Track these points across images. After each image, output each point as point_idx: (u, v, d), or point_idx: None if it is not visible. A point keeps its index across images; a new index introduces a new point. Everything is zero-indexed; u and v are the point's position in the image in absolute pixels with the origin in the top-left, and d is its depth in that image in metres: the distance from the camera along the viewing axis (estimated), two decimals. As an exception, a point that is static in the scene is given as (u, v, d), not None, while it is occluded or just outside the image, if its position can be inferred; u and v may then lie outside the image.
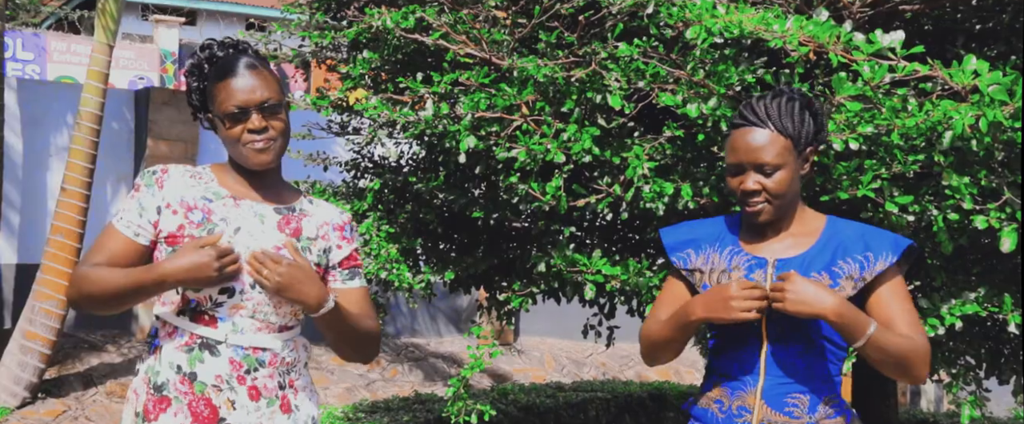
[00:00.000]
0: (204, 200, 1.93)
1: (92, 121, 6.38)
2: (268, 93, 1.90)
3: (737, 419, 1.93)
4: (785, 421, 1.89)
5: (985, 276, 2.89)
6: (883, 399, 4.13)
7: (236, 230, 1.91)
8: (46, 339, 6.23)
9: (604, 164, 2.97)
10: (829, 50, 2.41)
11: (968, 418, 2.89)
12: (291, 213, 1.98)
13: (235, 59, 1.92)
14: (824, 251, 1.93)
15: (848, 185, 2.55)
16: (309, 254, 1.96)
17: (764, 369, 1.92)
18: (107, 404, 6.56)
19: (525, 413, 5.48)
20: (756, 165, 1.90)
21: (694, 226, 2.07)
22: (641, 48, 2.73)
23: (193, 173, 1.98)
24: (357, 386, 7.76)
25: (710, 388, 2.00)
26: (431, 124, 2.98)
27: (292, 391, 1.97)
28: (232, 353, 1.89)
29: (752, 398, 1.91)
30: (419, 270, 3.63)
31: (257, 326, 1.91)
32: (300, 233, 1.97)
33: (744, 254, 1.96)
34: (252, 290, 1.89)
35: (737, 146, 1.92)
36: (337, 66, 4.02)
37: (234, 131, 1.90)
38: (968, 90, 2.34)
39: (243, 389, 1.90)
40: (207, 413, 1.89)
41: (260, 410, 1.92)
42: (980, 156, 2.44)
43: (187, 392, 1.89)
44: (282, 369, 1.95)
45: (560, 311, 4.60)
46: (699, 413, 2.01)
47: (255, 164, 1.92)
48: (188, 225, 1.91)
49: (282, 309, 1.92)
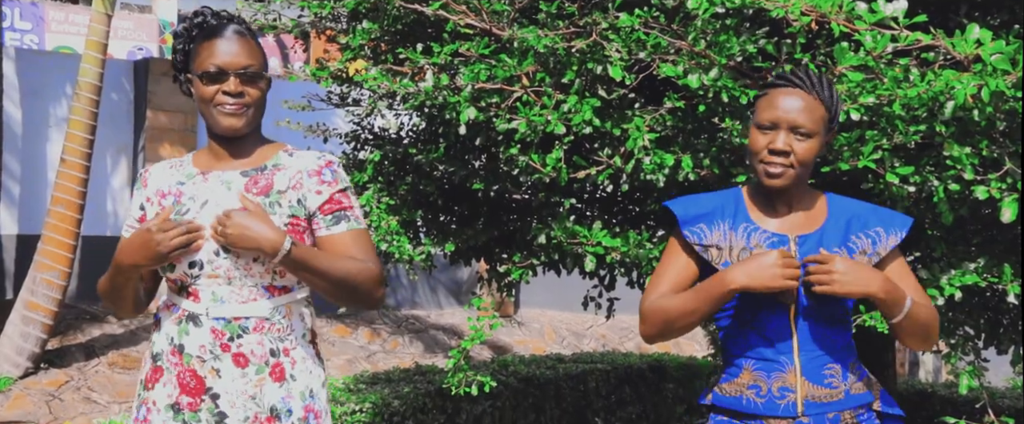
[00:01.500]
0: (177, 184, 1.97)
1: (91, 92, 6.36)
2: (250, 60, 1.90)
3: (779, 400, 1.89)
4: (827, 393, 1.90)
5: (985, 246, 2.90)
6: (881, 370, 4.15)
7: (203, 204, 1.92)
8: (48, 310, 6.26)
9: (604, 135, 2.97)
10: (831, 20, 2.40)
11: (966, 387, 2.90)
12: (260, 172, 1.95)
13: (225, 24, 1.92)
14: (837, 226, 1.93)
15: (849, 156, 2.54)
16: (279, 207, 1.91)
17: (798, 346, 1.90)
18: (109, 374, 6.60)
19: (525, 384, 5.51)
20: (793, 125, 1.86)
21: (701, 200, 2.01)
22: (642, 18, 2.71)
23: (173, 163, 2.02)
24: (358, 357, 7.80)
25: (737, 375, 1.94)
26: (431, 95, 2.97)
27: (288, 360, 1.93)
28: (214, 323, 1.90)
29: (793, 377, 1.89)
30: (419, 242, 3.63)
31: (238, 293, 1.90)
32: (270, 189, 1.93)
33: (762, 231, 1.92)
34: (218, 257, 1.88)
35: (776, 103, 1.88)
36: (336, 37, 4.00)
37: (208, 90, 1.89)
38: (970, 60, 2.33)
39: (227, 357, 1.90)
40: (193, 384, 1.91)
41: (247, 376, 1.90)
42: (982, 126, 2.44)
43: (177, 363, 1.92)
44: (274, 335, 1.92)
45: (560, 283, 4.61)
46: (731, 402, 1.94)
47: (224, 128, 1.91)
48: (161, 212, 1.94)
49: (253, 269, 1.89)
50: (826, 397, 1.89)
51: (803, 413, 1.88)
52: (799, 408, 1.88)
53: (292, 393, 1.93)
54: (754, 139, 1.90)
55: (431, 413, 4.93)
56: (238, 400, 1.90)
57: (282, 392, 1.92)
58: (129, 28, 11.80)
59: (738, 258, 1.91)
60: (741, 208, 1.97)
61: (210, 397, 1.90)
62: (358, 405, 4.63)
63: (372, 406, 4.66)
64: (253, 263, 1.89)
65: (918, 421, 6.26)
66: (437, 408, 4.97)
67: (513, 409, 5.40)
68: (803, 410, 1.88)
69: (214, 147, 1.97)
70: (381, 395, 4.79)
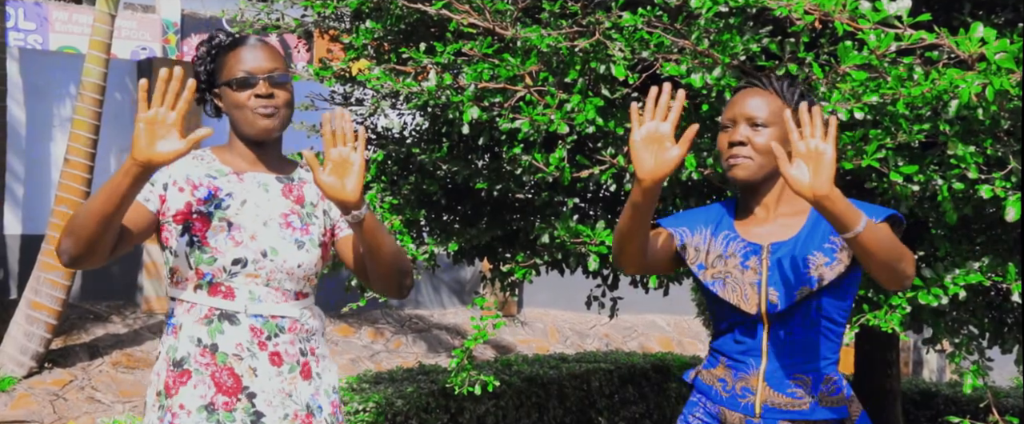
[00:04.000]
0: (208, 178, 1.98)
1: (95, 91, 6.37)
2: (276, 64, 1.98)
3: (740, 399, 1.95)
4: (788, 402, 1.92)
5: (989, 245, 2.89)
6: (885, 368, 4.15)
7: (243, 203, 1.96)
8: (52, 309, 6.27)
9: (608, 135, 2.97)
10: (835, 18, 2.40)
11: (970, 387, 2.90)
12: (292, 182, 2.03)
13: (245, 37, 2.02)
14: (815, 230, 1.95)
15: (853, 155, 2.54)
16: (316, 219, 2.01)
17: (766, 350, 1.94)
18: (113, 374, 6.61)
19: (528, 384, 5.51)
20: (748, 118, 1.94)
21: (690, 213, 2.10)
22: (645, 17, 2.71)
23: (194, 155, 2.02)
24: (361, 357, 7.80)
25: (714, 365, 2.02)
26: (434, 95, 2.97)
27: (314, 359, 2.00)
28: (252, 321, 1.92)
29: (755, 380, 1.94)
30: (423, 241, 3.63)
31: (274, 294, 1.94)
32: (303, 200, 2.02)
33: (740, 240, 1.98)
34: (264, 259, 1.93)
35: (734, 102, 1.99)
36: (340, 36, 4.00)
37: (241, 96, 1.95)
38: (975, 58, 2.32)
39: (264, 355, 1.92)
40: (231, 383, 1.90)
41: (282, 375, 1.94)
42: (986, 125, 2.43)
43: (209, 363, 1.91)
44: (302, 335, 1.98)
45: (563, 282, 4.61)
46: (704, 388, 2.03)
47: (260, 130, 1.96)
48: (195, 203, 1.94)
49: (296, 273, 1.96)
50: (787, 405, 1.92)
51: (760, 416, 1.92)
52: (756, 410, 1.93)
53: (320, 390, 2.00)
54: (719, 140, 1.99)
55: (434, 412, 4.93)
56: (275, 399, 1.91)
57: (311, 389, 1.98)
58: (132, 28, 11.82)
59: (713, 264, 1.99)
60: (727, 218, 2.04)
61: (246, 396, 1.90)
62: (362, 404, 4.63)
63: (376, 405, 4.66)
64: (297, 269, 1.95)
65: (922, 421, 6.25)
66: (440, 407, 4.97)
67: (516, 408, 5.40)
68: (760, 413, 1.93)
69: (241, 150, 2.01)
70: (385, 394, 4.79)
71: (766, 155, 1.92)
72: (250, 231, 1.93)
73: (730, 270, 1.96)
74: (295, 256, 1.95)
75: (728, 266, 1.97)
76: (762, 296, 1.93)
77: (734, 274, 1.96)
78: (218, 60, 2.00)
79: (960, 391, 6.38)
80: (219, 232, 1.91)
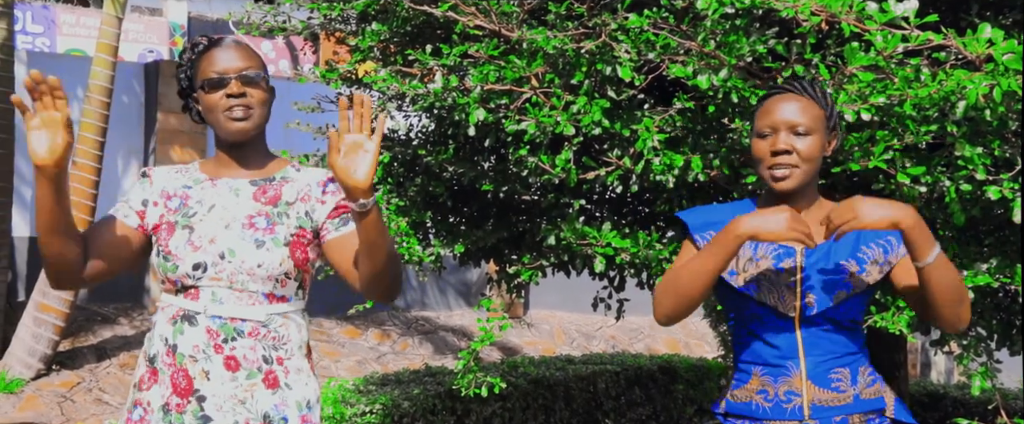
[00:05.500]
0: (184, 188, 2.00)
1: (102, 94, 6.39)
2: (248, 62, 1.95)
3: (785, 404, 1.91)
4: (833, 397, 1.89)
5: (997, 247, 2.88)
6: (893, 370, 4.13)
7: (210, 208, 1.96)
8: (60, 312, 6.28)
9: (614, 136, 2.96)
10: (841, 19, 2.39)
11: (979, 389, 2.89)
12: (269, 183, 1.99)
13: (222, 38, 2.00)
14: (847, 237, 1.92)
15: (860, 156, 2.53)
16: (286, 218, 1.95)
17: (803, 350, 1.91)
18: (120, 376, 6.63)
19: (535, 386, 5.51)
20: (790, 125, 1.89)
21: (713, 209, 2.04)
22: (651, 19, 2.71)
23: (179, 169, 2.05)
24: (367, 359, 7.81)
25: (746, 381, 1.96)
26: (440, 97, 2.97)
27: (281, 369, 1.93)
28: (210, 322, 1.90)
29: (798, 381, 1.90)
30: (429, 243, 3.63)
31: (237, 295, 1.91)
32: (278, 199, 1.97)
33: (769, 242, 1.93)
34: (222, 261, 1.90)
35: (771, 108, 1.92)
36: (346, 38, 4.01)
37: (213, 97, 1.93)
38: (982, 59, 2.31)
39: (219, 358, 1.89)
40: (184, 384, 1.90)
41: (237, 381, 1.89)
42: (993, 126, 2.42)
43: (170, 364, 1.92)
44: (267, 342, 1.92)
45: (570, 284, 4.61)
46: (740, 408, 1.96)
47: (233, 132, 1.94)
48: (167, 212, 1.97)
49: (257, 274, 1.91)
50: (833, 401, 1.89)
51: (810, 417, 1.89)
52: (805, 412, 1.89)
53: (287, 401, 1.91)
54: (757, 148, 1.93)
55: (441, 414, 4.93)
56: (226, 404, 1.88)
57: (276, 399, 1.91)
58: (140, 31, 11.85)
59: (744, 268, 1.94)
60: None
61: (196, 399, 1.88)
62: (368, 406, 4.63)
63: (382, 407, 4.66)
64: (257, 269, 1.90)
65: (930, 423, 6.22)
66: (447, 409, 4.96)
67: (523, 410, 5.40)
68: (810, 414, 1.89)
69: (222, 156, 2.02)
70: (391, 396, 4.79)
71: (811, 163, 1.89)
72: (210, 235, 1.92)
73: (764, 272, 1.93)
74: (254, 256, 1.89)
75: (760, 268, 1.93)
76: (798, 298, 1.90)
77: (768, 276, 1.92)
78: (195, 64, 1.99)
79: (968, 393, 6.35)
80: (180, 239, 1.92)
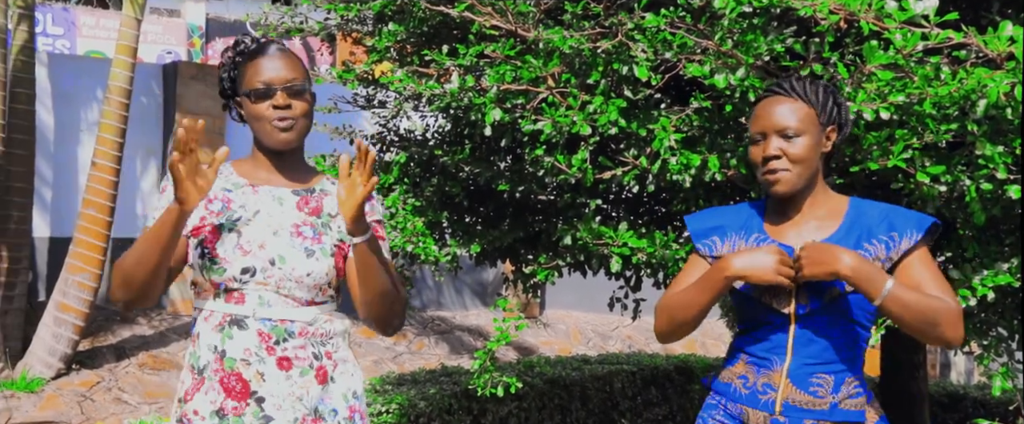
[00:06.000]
0: (224, 191, 2.00)
1: (121, 95, 6.43)
2: (294, 74, 1.97)
3: (761, 395, 1.94)
4: (809, 401, 1.91)
5: (1018, 246, 2.85)
6: (912, 370, 4.11)
7: (255, 213, 1.97)
8: (79, 311, 6.33)
9: (630, 136, 2.96)
10: (860, 18, 2.37)
11: (999, 389, 2.86)
12: (310, 194, 2.03)
13: (267, 44, 2.01)
14: (849, 234, 1.94)
15: (879, 155, 2.52)
16: (329, 231, 2.00)
17: (791, 349, 1.93)
18: (140, 375, 6.67)
19: (551, 386, 5.51)
20: (778, 129, 1.92)
21: (719, 212, 2.08)
22: (668, 18, 2.70)
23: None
24: (384, 359, 7.82)
25: (734, 364, 2.02)
26: (457, 97, 2.97)
27: (330, 363, 1.99)
28: (260, 325, 1.92)
29: (778, 376, 1.93)
30: (445, 243, 3.64)
31: (284, 300, 1.94)
32: (320, 211, 2.02)
33: (770, 241, 1.96)
34: (272, 267, 1.93)
35: (760, 114, 1.96)
36: (362, 39, 4.02)
37: (259, 107, 1.96)
38: (1003, 57, 2.29)
39: (272, 360, 1.92)
40: (239, 387, 1.92)
41: (292, 379, 1.93)
42: (1014, 125, 2.40)
43: (218, 369, 1.92)
44: (316, 340, 1.97)
45: (586, 284, 4.60)
46: (722, 387, 2.03)
47: (278, 142, 1.97)
48: (209, 215, 1.97)
49: (305, 281, 1.95)
50: (808, 404, 1.90)
51: (781, 413, 1.91)
52: (777, 407, 1.92)
53: (333, 394, 1.98)
54: (752, 153, 1.97)
55: (457, 414, 4.93)
56: (285, 402, 1.92)
57: (323, 394, 1.96)
58: (158, 32, 11.93)
59: None
60: (757, 221, 2.02)
61: (255, 401, 1.91)
62: (384, 406, 4.64)
63: (398, 407, 4.67)
64: (306, 277, 1.94)
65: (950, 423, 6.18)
66: (463, 409, 4.97)
67: (539, 410, 5.40)
68: (781, 410, 1.91)
69: (261, 161, 2.03)
70: (407, 396, 4.80)
71: (803, 164, 1.91)
72: (259, 240, 1.94)
73: None
74: (304, 264, 1.94)
75: None
76: (793, 296, 1.92)
77: None
78: (240, 68, 2.01)
79: (989, 394, 6.30)
80: (228, 243, 1.93)
